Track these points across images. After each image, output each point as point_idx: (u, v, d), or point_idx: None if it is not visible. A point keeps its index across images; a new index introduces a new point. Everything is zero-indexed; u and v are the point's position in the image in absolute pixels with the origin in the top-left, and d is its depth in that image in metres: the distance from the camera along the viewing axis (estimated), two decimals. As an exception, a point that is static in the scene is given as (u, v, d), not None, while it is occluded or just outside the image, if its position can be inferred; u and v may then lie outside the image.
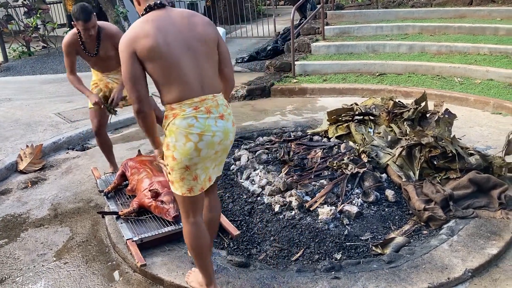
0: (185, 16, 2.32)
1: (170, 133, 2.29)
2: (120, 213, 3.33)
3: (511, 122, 5.19)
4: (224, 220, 3.27)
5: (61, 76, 9.10)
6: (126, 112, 5.80)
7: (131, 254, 2.99)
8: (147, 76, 2.28)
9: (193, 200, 2.41)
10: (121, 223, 3.27)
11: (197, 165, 2.32)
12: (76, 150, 5.29)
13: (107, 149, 4.32)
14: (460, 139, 4.24)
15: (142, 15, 2.32)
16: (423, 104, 4.37)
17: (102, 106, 3.94)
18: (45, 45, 11.99)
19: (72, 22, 3.70)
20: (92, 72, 4.14)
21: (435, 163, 3.69)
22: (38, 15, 11.56)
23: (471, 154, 3.76)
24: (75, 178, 4.52)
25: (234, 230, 3.16)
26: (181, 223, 3.16)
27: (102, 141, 4.25)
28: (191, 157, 2.28)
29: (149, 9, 2.28)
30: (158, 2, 2.29)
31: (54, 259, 3.19)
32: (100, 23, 3.81)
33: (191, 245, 2.48)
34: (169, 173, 2.38)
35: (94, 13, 3.68)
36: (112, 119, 4.58)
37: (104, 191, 3.72)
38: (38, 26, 11.93)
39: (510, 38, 7.42)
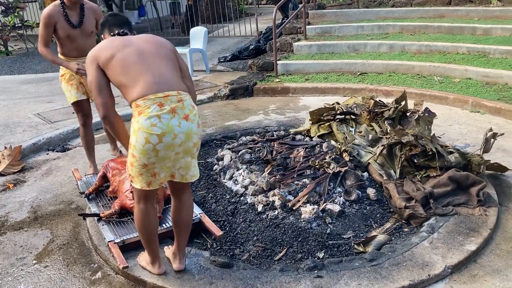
0: (144, 36, 2.60)
1: (133, 133, 2.37)
2: (101, 215, 3.29)
3: (489, 120, 5.29)
4: (207, 221, 3.26)
5: (40, 76, 8.96)
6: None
7: (113, 256, 2.96)
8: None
9: (148, 191, 2.52)
10: (103, 225, 3.23)
11: (155, 164, 2.40)
12: (57, 151, 5.22)
13: (91, 144, 4.34)
14: (440, 137, 4.31)
15: None
16: (403, 103, 4.43)
17: (83, 77, 4.01)
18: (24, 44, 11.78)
19: None
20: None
21: (416, 161, 3.74)
22: (15, 14, 11.34)
23: (451, 152, 3.82)
24: (55, 180, 4.45)
25: (217, 231, 3.15)
26: (163, 224, 3.17)
27: (88, 134, 4.29)
28: (149, 156, 2.36)
29: (112, 36, 2.62)
30: (121, 31, 2.62)
31: (34, 262, 3.14)
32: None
33: (139, 228, 2.64)
34: (129, 169, 2.48)
35: None
36: (93, 119, 4.54)
37: (85, 192, 3.68)
38: (16, 25, 11.70)
39: (487, 37, 7.57)
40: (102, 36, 2.71)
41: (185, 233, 2.77)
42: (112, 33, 2.63)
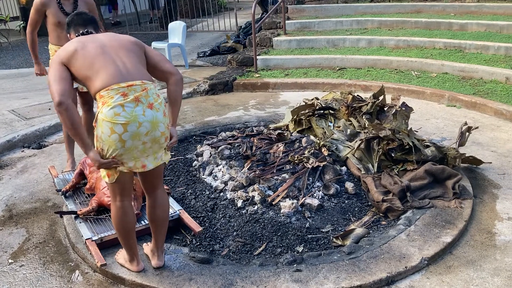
0: (108, 33, 2.60)
1: (98, 125, 2.35)
2: (78, 212, 3.25)
3: (465, 114, 5.40)
4: (186, 217, 3.24)
5: (15, 72, 8.76)
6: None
7: (90, 254, 2.92)
8: None
9: (121, 185, 2.51)
10: (80, 222, 3.19)
11: (122, 155, 2.39)
12: (32, 149, 5.11)
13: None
14: (417, 131, 4.37)
15: None
16: (381, 97, 4.48)
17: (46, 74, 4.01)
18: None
19: None
20: (50, 49, 4.12)
21: (393, 155, 3.79)
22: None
23: (427, 146, 3.88)
24: (31, 178, 4.37)
25: (196, 227, 3.14)
26: (142, 221, 3.15)
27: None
28: (116, 148, 2.35)
29: (77, 36, 2.61)
30: (85, 31, 2.63)
31: (9, 261, 3.07)
32: None
33: (116, 225, 2.61)
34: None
35: None
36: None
37: (62, 190, 3.62)
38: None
39: (463, 32, 7.70)
40: (69, 35, 2.73)
41: (162, 229, 2.76)
42: (77, 33, 2.65)
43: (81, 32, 2.63)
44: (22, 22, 12.64)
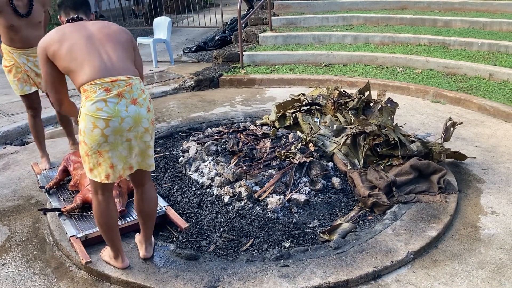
0: (98, 22, 2.54)
1: (81, 119, 2.33)
2: (63, 209, 3.20)
3: (449, 110, 5.45)
4: (172, 213, 3.22)
5: (-4, 67, 8.59)
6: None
7: (75, 251, 2.88)
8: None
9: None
10: (64, 219, 3.14)
11: (108, 151, 2.35)
12: (15, 145, 5.02)
13: (41, 134, 4.24)
14: (402, 127, 4.40)
15: None
16: (366, 93, 4.50)
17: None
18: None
19: None
20: (4, 54, 3.93)
21: (379, 150, 3.81)
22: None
23: (413, 141, 3.91)
24: (13, 175, 4.29)
25: (182, 223, 3.12)
26: (127, 218, 3.11)
27: (37, 124, 4.18)
28: (99, 142, 2.32)
29: (67, 22, 2.54)
30: (76, 16, 2.54)
31: (-8, 260, 3.02)
32: None
33: (98, 221, 2.58)
34: (85, 161, 2.41)
35: None
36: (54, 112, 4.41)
37: (45, 187, 3.56)
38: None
39: (447, 29, 7.77)
40: (59, 17, 2.64)
41: (150, 223, 2.75)
42: (67, 17, 2.56)
43: (71, 17, 2.54)
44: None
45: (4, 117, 5.63)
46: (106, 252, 2.83)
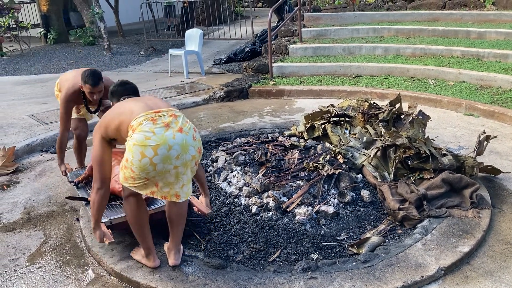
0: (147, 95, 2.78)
1: (128, 149, 2.41)
2: (89, 199, 3.27)
3: (483, 123, 5.32)
4: (196, 201, 3.28)
5: (34, 78, 8.93)
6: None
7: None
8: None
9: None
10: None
11: (155, 177, 2.44)
12: (50, 153, 5.19)
13: (83, 151, 4.30)
14: (434, 140, 4.33)
15: None
16: (397, 105, 4.45)
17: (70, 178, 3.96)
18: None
19: (80, 85, 3.71)
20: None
21: (409, 163, 3.76)
22: (10, 15, 11.29)
23: (444, 155, 3.84)
24: (49, 181, 4.43)
25: (206, 210, 3.16)
26: (152, 206, 3.18)
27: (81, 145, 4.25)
28: (148, 171, 2.40)
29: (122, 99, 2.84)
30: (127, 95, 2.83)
31: (27, 263, 3.12)
32: (104, 80, 3.77)
33: (130, 220, 2.70)
34: (130, 180, 2.49)
35: (102, 79, 3.70)
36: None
37: (74, 181, 3.67)
38: (11, 26, 11.65)
39: (481, 41, 7.62)
40: (111, 103, 2.91)
41: (176, 230, 2.80)
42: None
43: (122, 98, 2.83)
44: (42, 29, 12.89)
45: (41, 125, 5.83)
46: (138, 252, 2.92)
